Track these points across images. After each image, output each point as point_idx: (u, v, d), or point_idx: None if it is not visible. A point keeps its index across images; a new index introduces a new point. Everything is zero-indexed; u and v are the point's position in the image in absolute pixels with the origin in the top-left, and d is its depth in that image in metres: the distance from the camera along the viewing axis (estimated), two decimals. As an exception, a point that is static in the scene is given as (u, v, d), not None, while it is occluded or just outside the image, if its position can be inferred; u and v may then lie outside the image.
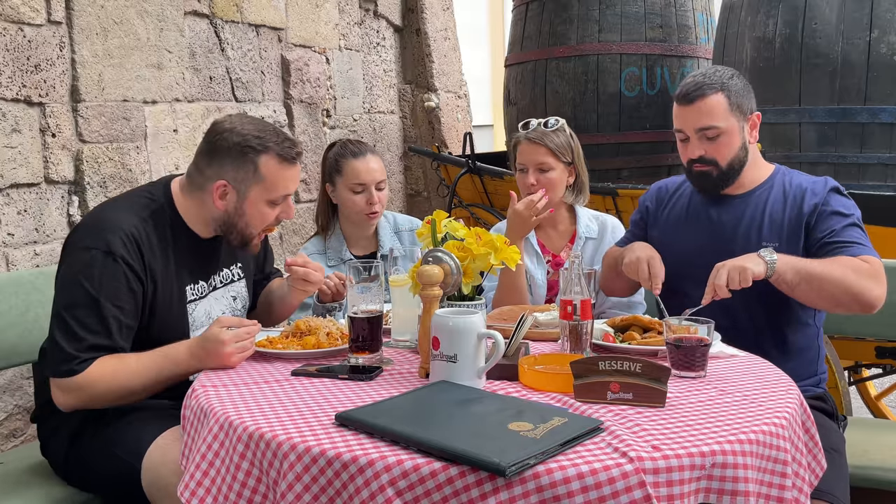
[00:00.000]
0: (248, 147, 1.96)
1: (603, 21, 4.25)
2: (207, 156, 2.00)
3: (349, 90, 4.66)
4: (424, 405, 1.51)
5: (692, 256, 2.18)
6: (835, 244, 2.05)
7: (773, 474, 1.42)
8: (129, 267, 1.89)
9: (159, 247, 1.98)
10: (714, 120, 2.12)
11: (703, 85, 2.13)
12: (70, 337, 1.85)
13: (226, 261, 2.17)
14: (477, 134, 4.66)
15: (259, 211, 2.01)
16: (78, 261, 1.89)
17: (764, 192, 2.19)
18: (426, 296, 1.73)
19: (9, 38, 2.69)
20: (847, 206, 2.12)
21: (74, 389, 1.85)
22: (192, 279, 2.07)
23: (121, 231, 1.90)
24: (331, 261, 2.68)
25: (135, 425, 1.93)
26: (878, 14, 3.35)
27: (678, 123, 2.19)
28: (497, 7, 9.76)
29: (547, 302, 2.54)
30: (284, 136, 2.02)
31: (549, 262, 2.58)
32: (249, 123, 2.01)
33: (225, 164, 1.97)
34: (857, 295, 1.96)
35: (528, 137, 2.51)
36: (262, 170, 1.97)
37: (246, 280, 2.24)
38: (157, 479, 1.81)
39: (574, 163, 2.54)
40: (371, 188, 2.62)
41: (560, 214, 2.60)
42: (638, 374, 1.55)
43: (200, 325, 2.08)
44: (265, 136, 1.98)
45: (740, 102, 2.14)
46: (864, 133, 3.41)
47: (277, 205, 2.03)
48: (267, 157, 1.97)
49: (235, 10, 3.76)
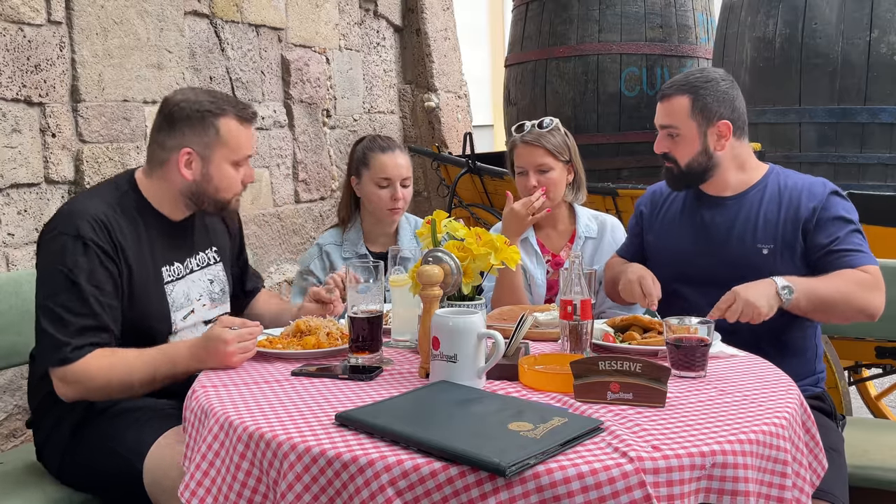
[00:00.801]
0: (207, 112, 2.01)
1: (603, 21, 4.25)
2: (167, 129, 2.04)
3: (349, 90, 4.66)
4: (424, 405, 1.51)
5: (688, 259, 2.19)
6: (840, 252, 2.06)
7: (774, 474, 1.42)
8: (101, 248, 1.92)
9: (129, 230, 2.00)
10: (672, 120, 2.16)
11: (674, 85, 2.18)
12: (58, 324, 1.87)
13: (200, 244, 2.19)
14: (477, 134, 4.66)
15: (225, 174, 2.04)
16: (50, 251, 1.92)
17: (757, 193, 2.19)
18: (426, 296, 1.72)
19: (9, 38, 2.69)
20: (848, 209, 2.12)
21: (73, 381, 1.87)
22: (166, 261, 2.08)
23: (88, 216, 1.94)
24: (346, 252, 2.69)
25: (136, 425, 1.93)
26: (878, 14, 3.35)
27: (655, 118, 2.25)
28: (497, 7, 9.77)
29: (547, 302, 2.54)
30: (237, 100, 2.09)
31: (549, 262, 2.58)
32: (202, 92, 2.08)
33: (186, 132, 2.01)
34: (864, 309, 2.02)
35: (524, 140, 2.51)
36: (223, 132, 2.01)
37: (223, 264, 2.25)
38: (160, 479, 1.81)
39: (572, 160, 2.55)
40: (396, 184, 2.62)
41: (560, 214, 2.60)
42: (638, 374, 1.55)
43: (180, 305, 2.09)
44: (220, 101, 2.04)
45: (707, 108, 2.13)
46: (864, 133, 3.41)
47: (241, 167, 2.07)
48: (226, 119, 2.02)
49: (235, 10, 3.76)
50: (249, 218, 3.87)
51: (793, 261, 2.10)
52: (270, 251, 4.04)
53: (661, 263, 2.26)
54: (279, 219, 4.11)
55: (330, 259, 2.68)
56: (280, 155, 4.11)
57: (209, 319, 2.16)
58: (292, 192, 4.23)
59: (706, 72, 2.20)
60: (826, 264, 2.06)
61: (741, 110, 2.19)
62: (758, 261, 2.11)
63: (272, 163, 4.06)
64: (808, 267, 2.10)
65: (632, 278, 2.14)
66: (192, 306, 2.12)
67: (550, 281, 2.55)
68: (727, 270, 2.06)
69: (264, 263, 3.99)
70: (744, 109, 2.21)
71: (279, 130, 4.10)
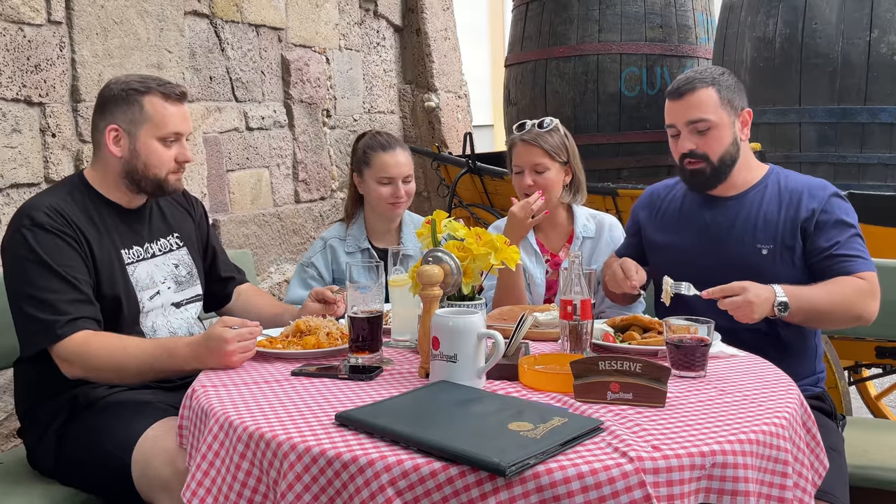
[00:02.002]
0: (132, 90, 2.06)
1: (603, 21, 4.25)
2: (98, 111, 2.09)
3: (349, 90, 4.66)
4: (424, 405, 1.51)
5: (688, 259, 2.19)
6: (840, 258, 2.06)
7: (774, 474, 1.42)
8: (60, 231, 1.96)
9: (84, 218, 2.04)
10: (704, 112, 2.12)
11: (694, 80, 2.14)
12: (43, 306, 1.90)
13: (160, 231, 2.22)
14: (477, 134, 4.66)
15: (153, 150, 2.07)
16: (14, 246, 1.96)
17: (758, 193, 2.19)
18: (426, 296, 1.73)
19: (9, 38, 2.69)
20: (849, 212, 2.13)
21: (73, 357, 1.90)
22: (125, 245, 2.11)
23: (42, 206, 1.98)
24: (349, 247, 2.70)
25: (122, 419, 1.94)
26: (878, 14, 3.35)
27: (669, 118, 2.20)
28: (497, 7, 9.77)
29: (546, 302, 2.54)
30: (167, 81, 2.12)
31: (549, 262, 2.58)
32: (134, 76, 2.13)
33: (114, 111, 2.06)
34: (860, 316, 2.04)
35: (522, 139, 2.52)
36: (147, 108, 2.05)
37: (188, 248, 2.27)
38: (147, 470, 1.81)
39: (570, 162, 2.55)
40: (398, 182, 2.63)
41: (558, 214, 2.60)
42: (638, 374, 1.55)
43: (146, 286, 2.11)
44: (147, 80, 2.09)
45: (731, 98, 2.14)
46: (864, 133, 3.41)
47: (170, 145, 2.09)
48: (150, 97, 2.06)
49: (235, 10, 3.76)
50: (249, 218, 3.88)
51: (792, 261, 2.10)
52: (270, 251, 4.04)
53: (662, 263, 2.26)
54: (279, 219, 4.11)
55: (334, 253, 2.69)
56: (280, 155, 4.11)
57: (178, 302, 2.19)
58: (292, 192, 4.23)
59: (712, 67, 2.24)
60: (825, 269, 2.06)
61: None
62: (757, 261, 2.11)
63: (272, 163, 4.06)
64: (806, 268, 2.10)
65: (613, 264, 2.18)
66: (157, 288, 2.14)
67: (549, 281, 2.56)
68: (727, 270, 2.05)
69: (264, 263, 3.99)
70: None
71: (279, 130, 4.10)
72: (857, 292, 2.01)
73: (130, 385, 2.04)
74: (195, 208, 2.37)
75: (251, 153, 3.90)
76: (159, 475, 1.78)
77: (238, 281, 2.45)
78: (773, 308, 1.94)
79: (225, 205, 3.71)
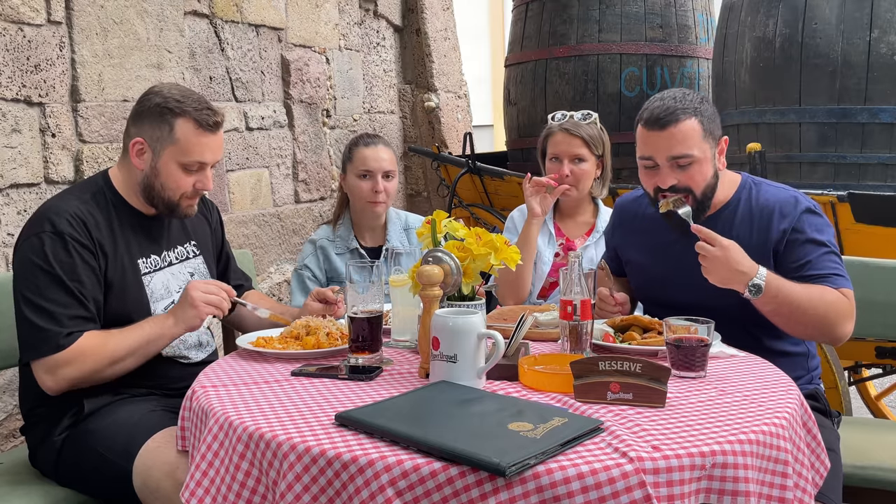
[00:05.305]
0: (167, 109, 2.02)
1: (603, 21, 4.25)
2: (132, 119, 2.07)
3: (349, 90, 4.65)
4: (424, 405, 1.51)
5: (663, 285, 2.16)
6: (814, 277, 1.96)
7: (774, 474, 1.42)
8: (79, 243, 1.94)
9: (104, 223, 2.03)
10: (688, 148, 1.98)
11: (676, 110, 1.99)
12: (47, 317, 1.89)
13: (178, 238, 2.21)
14: (477, 134, 4.66)
15: (171, 173, 2.04)
16: (30, 249, 1.93)
17: (729, 213, 2.10)
18: (426, 296, 1.73)
19: (9, 38, 2.69)
20: (821, 228, 2.03)
21: (62, 365, 1.88)
22: (143, 253, 2.10)
23: (65, 213, 1.96)
24: (338, 248, 2.73)
25: (124, 428, 1.93)
26: (878, 14, 3.34)
27: (646, 150, 2.04)
28: (497, 7, 9.77)
29: (541, 299, 2.57)
30: (206, 105, 2.06)
31: (562, 246, 2.61)
32: (175, 89, 2.08)
33: (145, 123, 2.04)
34: (832, 331, 1.95)
35: (564, 128, 2.57)
36: (176, 132, 2.02)
37: (204, 256, 2.27)
38: (148, 482, 1.82)
39: (603, 156, 2.60)
40: (377, 176, 2.66)
41: (583, 205, 2.66)
42: (638, 374, 1.55)
43: (160, 297, 2.11)
44: (185, 101, 2.03)
45: (712, 128, 2.02)
46: (864, 133, 3.41)
47: (192, 171, 2.06)
48: (183, 121, 2.02)
49: (235, 10, 3.76)
50: (249, 218, 3.88)
51: None
52: (270, 251, 4.04)
53: (639, 286, 2.27)
54: (279, 219, 4.11)
55: (325, 254, 2.72)
56: (280, 155, 4.11)
57: None
58: (292, 192, 4.23)
59: (689, 92, 2.06)
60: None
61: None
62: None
63: (272, 163, 4.05)
64: None
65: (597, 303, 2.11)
66: (171, 297, 2.13)
67: (556, 263, 2.59)
68: (703, 296, 1.97)
69: (264, 263, 3.99)
70: None
71: (279, 130, 4.10)
72: (835, 305, 1.92)
73: (133, 393, 2.04)
74: (212, 214, 2.37)
75: (251, 153, 3.90)
76: (160, 487, 1.78)
77: (246, 288, 2.45)
78: (745, 286, 1.88)
79: (225, 205, 3.71)
